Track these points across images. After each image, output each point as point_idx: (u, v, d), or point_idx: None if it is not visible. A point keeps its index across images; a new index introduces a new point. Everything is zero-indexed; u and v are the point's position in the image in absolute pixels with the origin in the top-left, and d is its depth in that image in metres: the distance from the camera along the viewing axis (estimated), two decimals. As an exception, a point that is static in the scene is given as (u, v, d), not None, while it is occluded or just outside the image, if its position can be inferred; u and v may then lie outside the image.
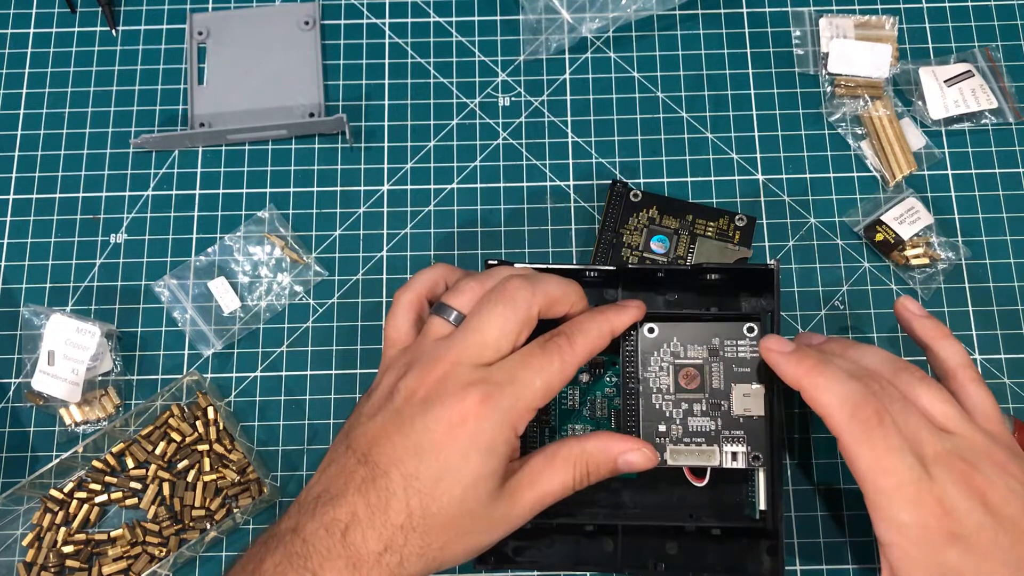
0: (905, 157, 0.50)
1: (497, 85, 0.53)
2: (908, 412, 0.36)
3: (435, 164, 0.52)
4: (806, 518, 0.46)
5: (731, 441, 0.41)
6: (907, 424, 0.35)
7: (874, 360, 0.38)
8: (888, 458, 0.34)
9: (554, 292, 0.39)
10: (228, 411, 0.48)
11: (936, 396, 0.37)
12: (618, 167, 0.52)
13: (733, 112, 0.53)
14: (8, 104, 0.53)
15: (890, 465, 0.34)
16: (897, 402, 0.36)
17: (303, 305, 0.50)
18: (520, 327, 0.37)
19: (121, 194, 0.52)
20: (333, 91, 0.53)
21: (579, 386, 0.44)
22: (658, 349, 0.42)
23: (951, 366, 0.39)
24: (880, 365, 0.38)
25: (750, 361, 0.41)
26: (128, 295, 0.50)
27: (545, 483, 0.37)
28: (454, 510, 0.35)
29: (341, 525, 0.34)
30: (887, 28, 0.53)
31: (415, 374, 0.37)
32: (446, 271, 0.42)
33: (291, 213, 0.51)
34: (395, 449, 0.35)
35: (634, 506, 0.43)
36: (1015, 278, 0.49)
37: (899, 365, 0.38)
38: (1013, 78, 0.53)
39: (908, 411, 0.36)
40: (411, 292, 0.41)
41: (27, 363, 0.48)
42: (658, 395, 0.42)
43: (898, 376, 0.37)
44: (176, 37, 0.54)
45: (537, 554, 0.43)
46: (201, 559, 0.46)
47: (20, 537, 0.46)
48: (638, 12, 0.53)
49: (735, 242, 0.49)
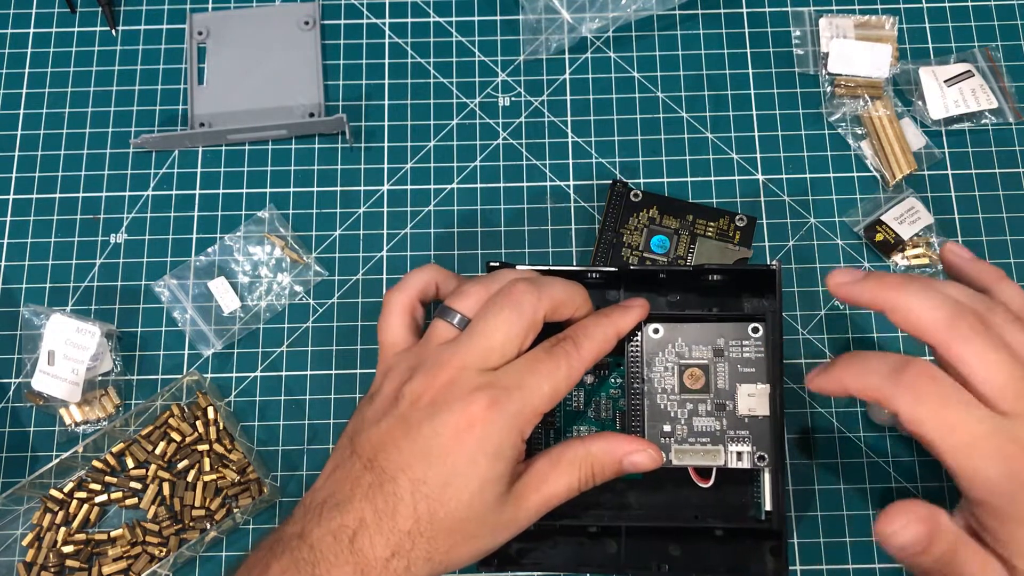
0: (905, 157, 0.50)
1: (497, 85, 0.53)
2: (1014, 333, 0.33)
3: (435, 164, 0.52)
4: (806, 518, 0.46)
5: (736, 441, 0.41)
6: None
7: (961, 293, 0.35)
8: (999, 357, 0.32)
9: (559, 296, 0.39)
10: (228, 411, 0.48)
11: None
12: (618, 167, 0.52)
13: (733, 112, 0.53)
14: (8, 104, 0.53)
15: (1001, 364, 0.32)
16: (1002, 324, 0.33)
17: (303, 305, 0.50)
18: (526, 331, 0.37)
19: (121, 194, 0.52)
20: (333, 91, 0.53)
21: (584, 388, 0.44)
22: (663, 350, 0.42)
23: (1016, 307, 0.36)
24: (969, 298, 0.35)
25: (755, 361, 0.41)
26: (128, 295, 0.50)
27: (551, 485, 0.37)
28: (461, 515, 0.35)
29: (349, 531, 0.34)
30: (887, 28, 0.53)
31: (420, 378, 0.36)
32: (437, 272, 0.42)
33: (291, 213, 0.51)
34: (402, 454, 0.35)
35: (639, 507, 0.43)
36: (1015, 278, 0.49)
37: (988, 300, 0.35)
38: (1013, 78, 0.53)
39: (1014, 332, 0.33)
40: (403, 294, 0.41)
41: (27, 363, 0.48)
42: (663, 396, 0.42)
43: (989, 313, 0.34)
44: (176, 37, 0.54)
45: (541, 556, 0.43)
46: (201, 559, 0.46)
47: (20, 537, 0.46)
48: (638, 12, 0.53)
49: (735, 242, 0.49)
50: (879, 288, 0.35)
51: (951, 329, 0.33)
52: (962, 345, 0.33)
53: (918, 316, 0.34)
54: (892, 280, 0.35)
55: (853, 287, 0.36)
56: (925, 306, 0.34)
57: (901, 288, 0.35)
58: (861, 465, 0.47)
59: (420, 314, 0.41)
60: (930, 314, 0.34)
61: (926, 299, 0.34)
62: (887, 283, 0.35)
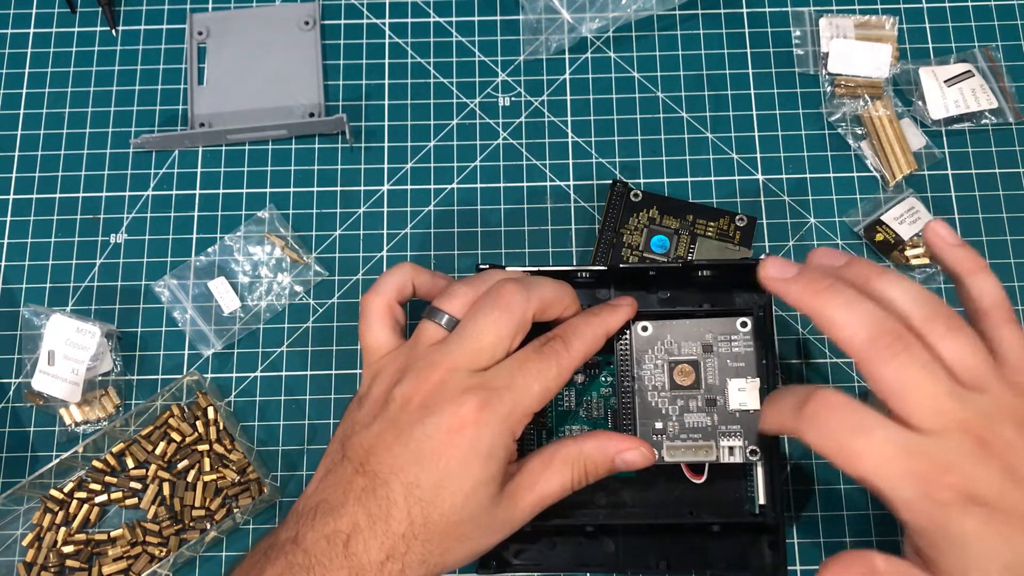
0: (905, 157, 0.50)
1: (497, 85, 0.53)
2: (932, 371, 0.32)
3: (435, 164, 0.52)
4: (806, 518, 0.46)
5: (728, 436, 0.41)
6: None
7: (902, 298, 0.34)
8: (916, 376, 0.31)
9: (548, 295, 0.39)
10: (228, 411, 0.48)
11: (967, 349, 0.33)
12: (618, 167, 0.52)
13: (733, 112, 0.53)
14: (8, 104, 0.53)
15: (919, 383, 0.31)
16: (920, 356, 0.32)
17: (303, 305, 0.50)
18: (515, 331, 0.37)
19: (121, 194, 0.52)
20: (333, 91, 0.53)
21: (575, 387, 0.44)
22: (652, 347, 0.42)
23: (985, 305, 0.35)
24: (907, 306, 0.33)
25: (744, 356, 0.42)
26: (128, 295, 0.50)
27: (544, 485, 0.37)
28: (455, 516, 0.35)
29: (343, 536, 0.34)
30: (887, 28, 0.53)
31: (410, 381, 0.36)
32: (413, 271, 0.42)
33: (291, 213, 0.51)
34: (394, 458, 0.35)
35: (634, 505, 0.43)
36: (1015, 278, 0.49)
37: (930, 309, 0.33)
38: (1013, 78, 0.53)
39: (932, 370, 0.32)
40: (380, 296, 0.40)
41: (27, 363, 0.48)
42: (653, 393, 0.42)
43: (926, 324, 0.33)
44: (176, 37, 0.54)
45: (539, 556, 0.43)
46: (201, 559, 0.46)
47: (20, 537, 0.46)
48: (638, 12, 0.53)
49: (735, 242, 0.49)
50: (806, 293, 0.34)
51: (870, 347, 0.32)
52: (879, 364, 0.32)
53: (839, 329, 0.33)
54: (819, 286, 0.34)
55: (780, 284, 0.35)
56: (848, 321, 0.33)
57: (825, 298, 0.33)
58: (861, 465, 0.47)
59: (400, 314, 0.41)
60: (850, 330, 0.33)
61: (849, 313, 0.33)
62: (814, 289, 0.34)
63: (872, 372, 0.32)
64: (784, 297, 0.35)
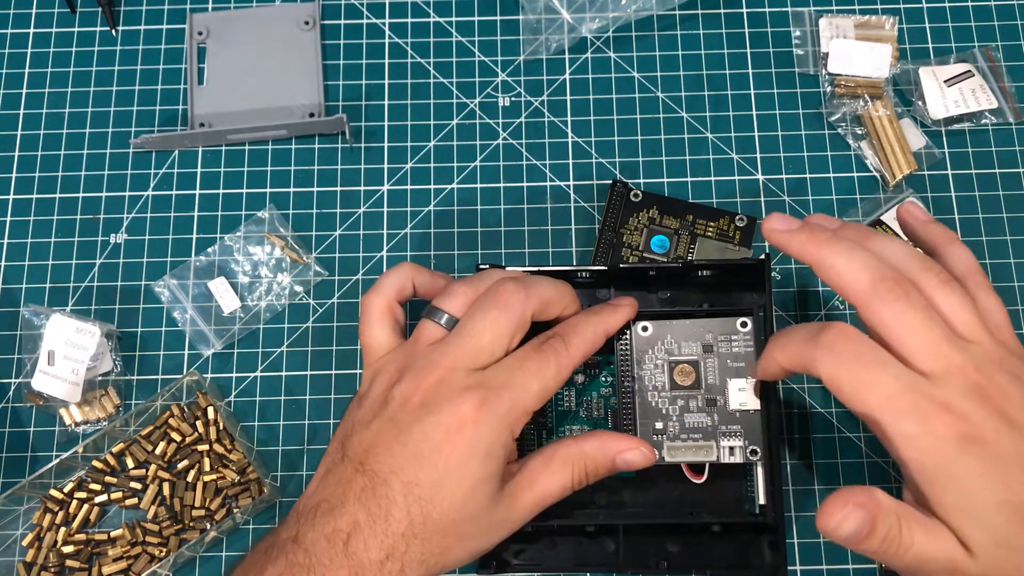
0: (905, 157, 0.50)
1: (497, 85, 0.53)
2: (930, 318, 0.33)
3: (435, 164, 0.52)
4: (806, 518, 0.46)
5: (728, 436, 0.41)
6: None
7: (897, 253, 0.35)
8: (916, 319, 0.33)
9: (547, 294, 0.39)
10: (228, 411, 0.48)
11: (959, 302, 0.34)
12: (618, 167, 0.52)
13: (733, 112, 0.53)
14: (8, 104, 0.53)
15: (919, 325, 0.33)
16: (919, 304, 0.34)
17: (303, 305, 0.50)
18: (514, 330, 0.37)
19: (121, 194, 0.52)
20: (333, 91, 0.53)
21: (575, 387, 0.44)
22: (652, 347, 0.42)
23: (960, 272, 0.37)
24: (903, 259, 0.35)
25: (744, 356, 0.42)
26: (128, 295, 0.50)
27: (544, 484, 0.37)
28: (455, 515, 0.35)
29: (343, 535, 0.34)
30: (887, 28, 0.53)
31: (409, 380, 0.36)
32: (413, 271, 0.42)
33: (291, 213, 0.51)
34: (394, 457, 0.35)
35: (634, 505, 0.43)
36: (1015, 278, 0.49)
37: (923, 262, 0.35)
38: (1013, 78, 0.53)
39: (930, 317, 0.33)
40: (381, 297, 0.41)
41: (27, 363, 0.48)
42: (654, 393, 0.42)
43: (921, 276, 0.34)
44: (176, 37, 0.54)
45: (539, 556, 0.43)
46: (201, 559, 0.46)
47: (20, 537, 0.46)
48: (638, 12, 0.53)
49: (735, 242, 0.49)
50: (808, 242, 0.35)
51: (872, 291, 0.33)
52: (881, 307, 0.33)
53: (840, 275, 0.34)
54: (822, 236, 0.35)
55: (783, 235, 0.36)
56: (850, 267, 0.34)
57: (829, 246, 0.35)
58: (861, 465, 0.47)
59: (400, 314, 0.41)
60: (853, 275, 0.34)
61: (851, 259, 0.34)
62: (817, 238, 0.35)
63: (873, 315, 0.33)
64: (787, 248, 0.36)
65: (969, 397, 0.32)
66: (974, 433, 0.32)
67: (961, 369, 0.32)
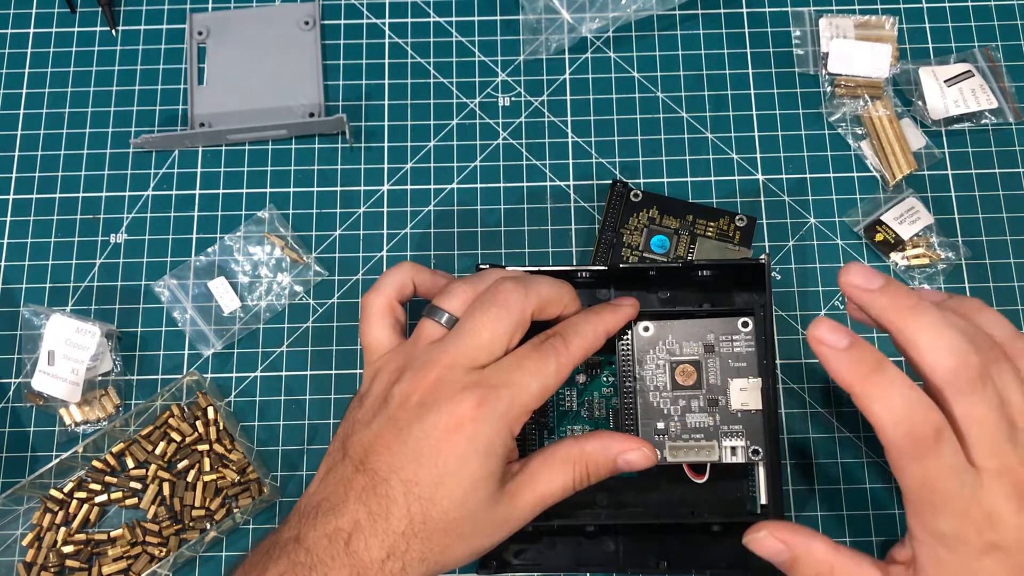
0: (905, 157, 0.50)
1: (497, 85, 0.53)
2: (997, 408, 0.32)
3: (435, 164, 0.52)
4: (806, 518, 0.46)
5: (730, 436, 0.41)
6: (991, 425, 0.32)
7: (969, 328, 0.34)
8: (940, 479, 0.31)
9: (547, 293, 0.39)
10: (228, 411, 0.48)
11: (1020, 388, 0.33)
12: (618, 167, 0.52)
13: (733, 112, 0.53)
14: (8, 104, 0.53)
15: (941, 486, 0.32)
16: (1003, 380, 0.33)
17: (303, 305, 0.50)
18: (513, 329, 0.37)
19: (121, 194, 0.52)
20: (333, 91, 0.53)
21: (576, 387, 0.44)
22: (654, 347, 0.42)
23: (999, 340, 0.35)
24: (977, 339, 0.33)
25: (746, 355, 0.42)
26: (128, 295, 0.50)
27: (545, 484, 0.37)
28: (455, 514, 0.35)
29: (344, 534, 0.34)
30: (887, 28, 0.53)
31: (409, 379, 0.36)
32: (413, 270, 0.42)
33: (291, 213, 0.51)
34: (393, 456, 0.35)
35: (635, 505, 0.43)
36: (1015, 278, 0.49)
37: (1012, 331, 0.34)
38: (1013, 78, 0.53)
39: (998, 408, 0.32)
40: (380, 296, 0.41)
41: (27, 363, 0.48)
42: (655, 393, 0.42)
43: (1013, 345, 0.34)
44: (176, 37, 0.54)
45: (539, 556, 0.43)
46: (201, 559, 0.46)
47: (20, 537, 0.46)
48: (638, 12, 0.53)
49: (735, 242, 0.49)
50: (891, 309, 0.33)
51: (952, 379, 0.32)
52: (957, 397, 0.32)
53: (921, 352, 0.32)
54: (906, 303, 0.33)
55: (864, 295, 0.34)
56: (933, 346, 0.32)
57: (913, 316, 0.33)
58: (861, 465, 0.47)
59: (400, 313, 0.41)
60: (935, 358, 0.32)
61: (936, 338, 0.32)
62: (901, 305, 0.33)
63: (944, 404, 0.32)
64: (867, 308, 0.34)
65: (1012, 500, 0.32)
66: (1002, 543, 0.31)
67: (1012, 469, 0.32)
